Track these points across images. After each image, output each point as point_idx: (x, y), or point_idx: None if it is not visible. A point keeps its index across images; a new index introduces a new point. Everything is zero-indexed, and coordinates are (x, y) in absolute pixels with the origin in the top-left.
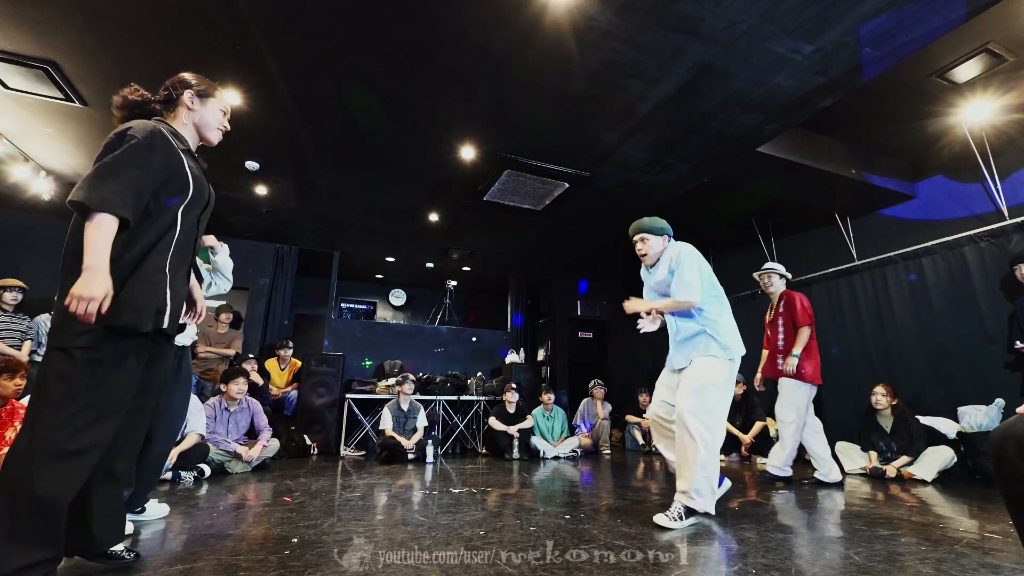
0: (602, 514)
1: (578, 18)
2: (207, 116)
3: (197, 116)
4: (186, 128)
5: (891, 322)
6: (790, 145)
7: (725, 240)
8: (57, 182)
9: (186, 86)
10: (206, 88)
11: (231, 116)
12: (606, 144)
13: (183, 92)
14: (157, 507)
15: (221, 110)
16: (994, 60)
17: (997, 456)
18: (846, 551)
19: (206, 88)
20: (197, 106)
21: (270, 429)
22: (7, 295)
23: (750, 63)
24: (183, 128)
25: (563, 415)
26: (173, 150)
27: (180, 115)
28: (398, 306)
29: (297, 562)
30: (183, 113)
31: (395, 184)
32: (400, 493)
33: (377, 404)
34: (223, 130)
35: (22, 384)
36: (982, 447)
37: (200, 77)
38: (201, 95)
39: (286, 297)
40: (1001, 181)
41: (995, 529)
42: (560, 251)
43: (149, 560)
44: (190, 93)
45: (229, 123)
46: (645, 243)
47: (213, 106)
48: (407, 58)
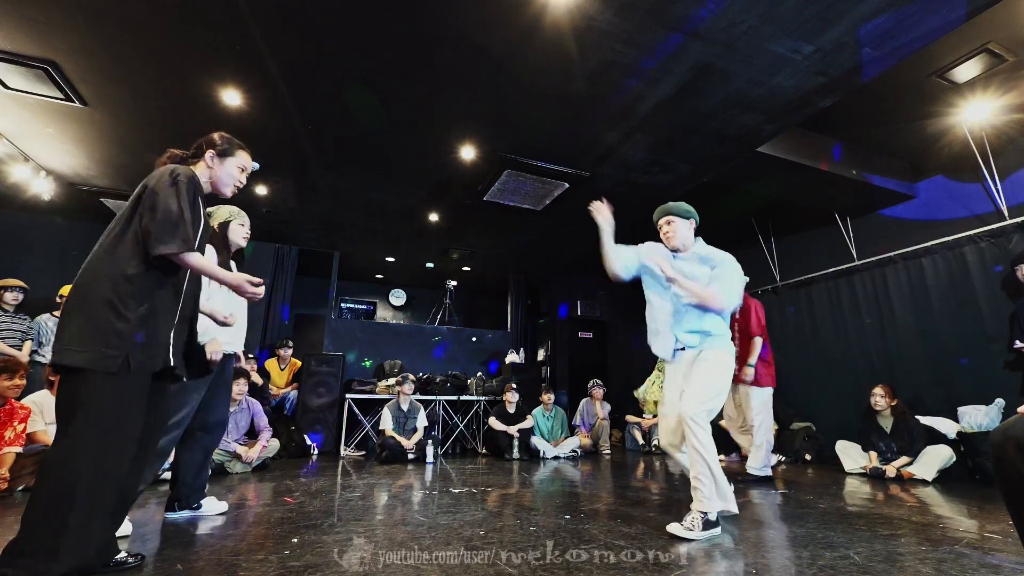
0: (602, 514)
1: (578, 18)
2: (222, 174)
3: (214, 174)
4: (203, 177)
5: (891, 322)
6: (790, 145)
7: (725, 240)
8: (57, 182)
9: (210, 145)
10: (227, 148)
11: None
12: (606, 144)
13: (207, 151)
14: (216, 504)
15: (239, 167)
16: (994, 60)
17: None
18: (846, 551)
19: (227, 148)
20: (216, 165)
21: (270, 429)
22: (8, 295)
23: (750, 63)
24: (201, 175)
25: (563, 415)
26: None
27: (200, 168)
28: (398, 306)
29: (297, 562)
30: (203, 168)
31: (395, 184)
32: (400, 493)
33: (377, 404)
34: (239, 186)
35: (22, 384)
36: (982, 447)
37: (225, 137)
38: (222, 154)
39: (286, 297)
40: (1001, 181)
41: (995, 529)
42: (560, 251)
43: (149, 560)
44: (212, 153)
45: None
46: (671, 225)
47: (231, 165)
48: (407, 58)
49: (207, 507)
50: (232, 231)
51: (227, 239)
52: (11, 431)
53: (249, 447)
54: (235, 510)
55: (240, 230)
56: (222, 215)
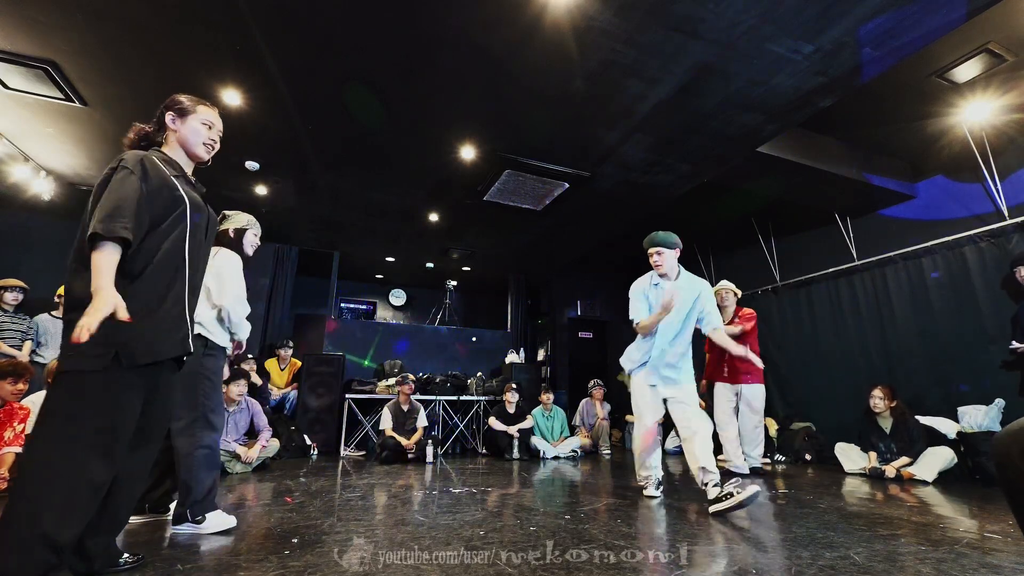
0: (602, 514)
1: (578, 18)
2: (186, 133)
3: (180, 136)
4: (177, 151)
5: (891, 322)
6: (790, 145)
7: (725, 240)
8: (57, 182)
9: (168, 107)
10: (187, 105)
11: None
12: (606, 144)
13: (166, 114)
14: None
15: (204, 123)
16: (994, 60)
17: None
18: (846, 551)
19: (187, 105)
20: (177, 125)
21: (270, 429)
22: (7, 295)
23: (750, 63)
24: (174, 152)
25: (563, 415)
26: (164, 175)
27: (169, 139)
28: (398, 306)
29: (297, 562)
30: (170, 136)
31: (395, 184)
32: (400, 493)
33: (377, 404)
34: (211, 144)
35: (24, 389)
36: (982, 447)
37: (188, 96)
38: (180, 112)
39: (286, 297)
40: (1001, 181)
41: (995, 529)
42: (560, 251)
43: (149, 560)
44: (171, 115)
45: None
46: (661, 256)
47: (193, 121)
48: (407, 58)
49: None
50: (247, 240)
51: (241, 245)
52: (11, 431)
53: (249, 447)
54: (235, 510)
55: (253, 240)
56: (240, 221)
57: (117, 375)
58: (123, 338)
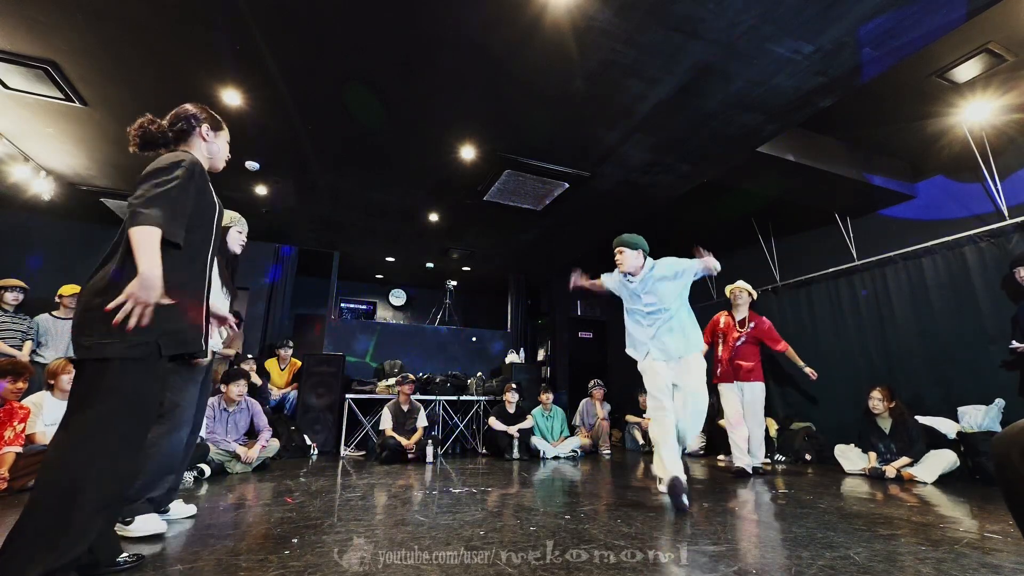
0: (602, 514)
1: (578, 18)
2: (220, 147)
3: (213, 147)
4: (203, 159)
5: (891, 322)
6: (790, 145)
7: (725, 240)
8: (57, 182)
9: (197, 118)
10: (218, 120)
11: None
12: (606, 144)
13: (200, 125)
14: (184, 507)
15: (227, 141)
16: (994, 60)
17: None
18: (846, 551)
19: (218, 120)
20: (212, 138)
21: (270, 429)
22: (8, 295)
23: (750, 63)
24: (201, 159)
25: (563, 415)
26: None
27: (197, 146)
28: (398, 306)
29: (297, 562)
30: (200, 145)
31: (395, 184)
32: (400, 493)
33: (377, 404)
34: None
35: (23, 388)
36: (982, 447)
37: (204, 108)
38: (214, 127)
39: (286, 297)
40: (1001, 181)
41: (995, 529)
42: (560, 251)
43: (149, 560)
44: (207, 126)
45: None
46: (622, 254)
47: (223, 138)
48: (407, 58)
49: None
50: (230, 237)
51: (225, 244)
52: (11, 431)
53: (249, 447)
54: (235, 510)
55: (238, 238)
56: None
57: (154, 364)
58: (168, 327)
